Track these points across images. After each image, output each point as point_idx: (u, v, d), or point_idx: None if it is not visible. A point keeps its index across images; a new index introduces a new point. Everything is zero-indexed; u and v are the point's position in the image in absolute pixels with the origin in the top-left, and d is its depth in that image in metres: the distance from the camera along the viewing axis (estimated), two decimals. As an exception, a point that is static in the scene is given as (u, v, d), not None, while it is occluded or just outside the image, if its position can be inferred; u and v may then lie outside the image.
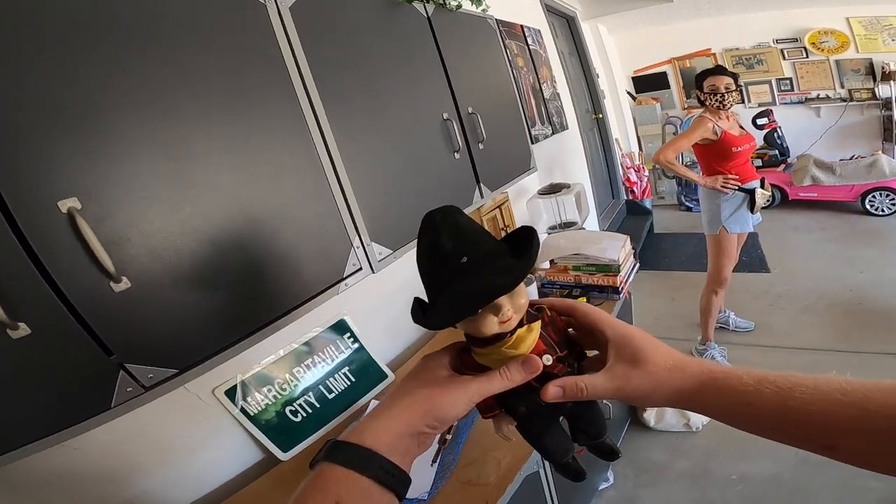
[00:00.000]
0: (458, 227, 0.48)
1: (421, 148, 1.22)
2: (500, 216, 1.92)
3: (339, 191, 0.95)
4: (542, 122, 3.09)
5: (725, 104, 2.30)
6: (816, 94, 5.23)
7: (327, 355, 1.39)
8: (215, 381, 1.15)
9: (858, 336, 2.68)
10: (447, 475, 1.09)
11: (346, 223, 0.95)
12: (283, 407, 1.28)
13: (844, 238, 4.01)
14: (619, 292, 1.68)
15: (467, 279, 0.45)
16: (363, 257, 0.99)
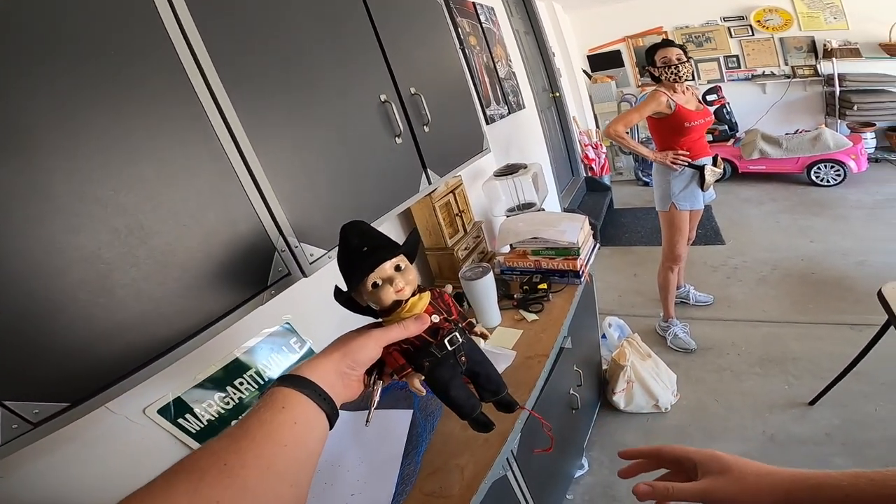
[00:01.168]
0: (362, 230, 0.69)
1: (356, 135, 1.08)
2: (453, 201, 1.81)
3: (254, 190, 0.81)
4: (498, 102, 2.99)
5: (681, 76, 2.24)
6: (762, 70, 5.40)
7: (273, 363, 1.26)
8: (144, 401, 1.01)
9: (815, 307, 2.72)
10: (408, 488, 1.00)
11: (265, 225, 0.82)
12: (227, 422, 1.15)
13: (794, 209, 4.11)
14: (580, 276, 1.61)
15: (367, 259, 0.64)
16: (291, 261, 0.86)
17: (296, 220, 0.88)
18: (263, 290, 0.81)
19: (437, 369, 0.70)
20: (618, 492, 1.85)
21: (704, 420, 2.10)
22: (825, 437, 1.88)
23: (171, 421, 1.05)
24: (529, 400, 1.16)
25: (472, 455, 1.02)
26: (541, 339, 1.38)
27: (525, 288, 1.60)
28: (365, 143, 1.11)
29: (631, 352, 2.16)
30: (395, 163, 1.21)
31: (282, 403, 0.49)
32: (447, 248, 1.73)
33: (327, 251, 0.93)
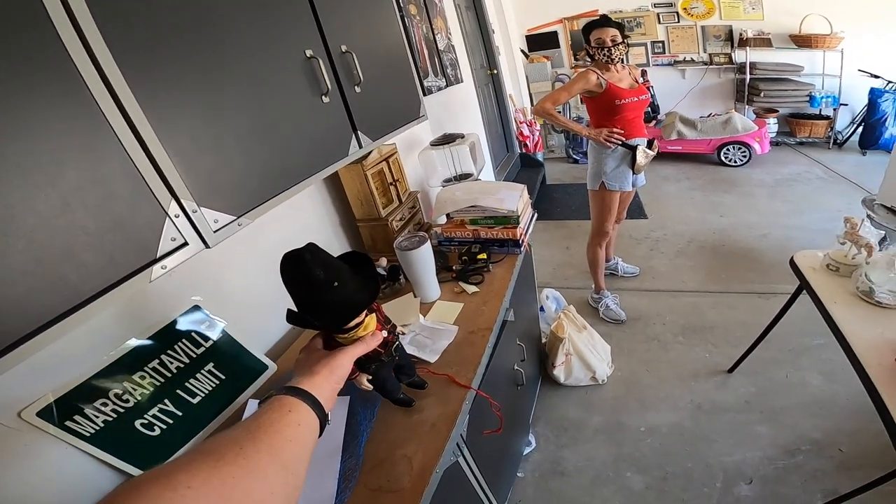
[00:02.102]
0: (325, 261, 0.71)
1: (274, 91, 0.90)
2: (387, 169, 1.65)
3: (133, 141, 0.62)
4: (436, 74, 2.84)
5: (613, 57, 2.16)
6: (683, 57, 5.63)
7: (180, 353, 1.06)
8: (18, 403, 0.80)
9: (727, 276, 2.87)
10: (351, 484, 0.87)
11: (152, 187, 0.64)
12: (130, 421, 0.96)
13: (706, 186, 4.33)
14: (519, 245, 1.53)
15: (339, 295, 0.70)
16: (188, 228, 0.68)
17: (195, 181, 0.70)
18: (151, 263, 0.63)
19: (380, 370, 0.89)
20: (565, 466, 1.84)
21: (638, 391, 2.13)
22: (745, 404, 1.97)
23: (55, 425, 0.85)
24: (475, 378, 1.06)
25: (420, 443, 0.91)
26: (483, 311, 1.28)
27: (464, 259, 1.50)
28: (285, 101, 0.93)
29: (568, 324, 2.14)
30: (321, 123, 1.04)
31: (288, 408, 0.57)
32: (381, 218, 1.58)
33: (236, 217, 0.76)
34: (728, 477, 1.69)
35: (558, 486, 1.77)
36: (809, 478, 1.64)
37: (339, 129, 1.10)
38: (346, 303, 0.72)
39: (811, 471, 1.66)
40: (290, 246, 0.67)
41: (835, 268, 1.54)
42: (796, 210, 3.63)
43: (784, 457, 1.73)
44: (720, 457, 1.77)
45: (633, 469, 1.78)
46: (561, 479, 1.80)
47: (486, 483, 1.23)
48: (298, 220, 1.49)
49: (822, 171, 4.42)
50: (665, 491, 1.69)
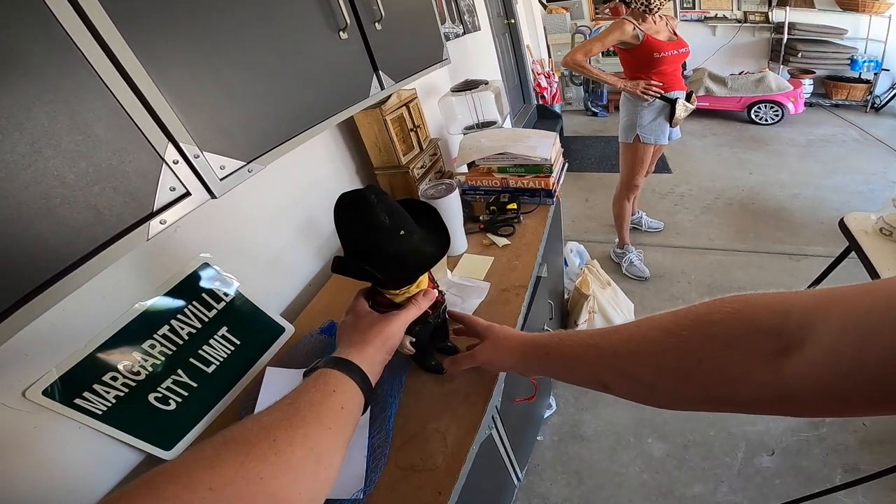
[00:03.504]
0: (390, 206, 0.64)
1: (286, 22, 0.75)
2: (407, 115, 1.51)
3: (117, 78, 0.49)
4: (453, 21, 2.63)
5: (652, 7, 1.97)
6: (715, 13, 5.32)
7: (191, 316, 0.97)
8: (21, 382, 0.72)
9: (755, 236, 2.72)
10: (382, 462, 0.78)
11: (142, 128, 0.51)
12: (143, 395, 0.87)
13: (734, 143, 4.12)
14: (552, 195, 1.39)
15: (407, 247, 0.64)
16: (189, 176, 0.56)
17: (196, 122, 0.57)
18: (148, 218, 0.52)
19: (423, 331, 0.80)
20: (585, 431, 1.79)
21: None
22: None
23: (63, 403, 0.77)
24: (509, 343, 0.96)
25: (454, 415, 0.82)
26: (516, 266, 1.17)
27: (492, 209, 1.37)
28: (298, 35, 0.78)
29: (592, 280, 2.03)
30: (339, 61, 0.90)
31: (333, 387, 0.50)
32: (401, 166, 1.45)
33: (245, 163, 0.64)
34: (750, 447, 1.64)
35: (577, 451, 1.73)
36: (831, 451, 1.59)
37: (358, 68, 0.95)
38: (415, 255, 0.64)
39: (833, 444, 1.61)
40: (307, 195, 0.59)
41: (888, 232, 1.43)
42: (830, 171, 3.42)
43: (808, 429, 1.67)
44: (743, 426, 1.70)
45: (654, 435, 1.73)
46: (580, 443, 1.75)
47: (511, 448, 1.16)
48: (311, 168, 1.36)
49: (858, 134, 4.16)
50: (685, 459, 1.63)
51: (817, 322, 0.34)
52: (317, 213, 1.34)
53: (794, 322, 0.35)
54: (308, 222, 1.31)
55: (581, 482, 1.62)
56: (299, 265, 1.30)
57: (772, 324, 0.37)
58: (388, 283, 0.64)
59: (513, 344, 0.68)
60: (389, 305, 0.72)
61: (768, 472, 1.56)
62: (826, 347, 0.32)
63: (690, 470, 1.60)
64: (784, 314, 0.36)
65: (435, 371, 0.90)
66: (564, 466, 1.68)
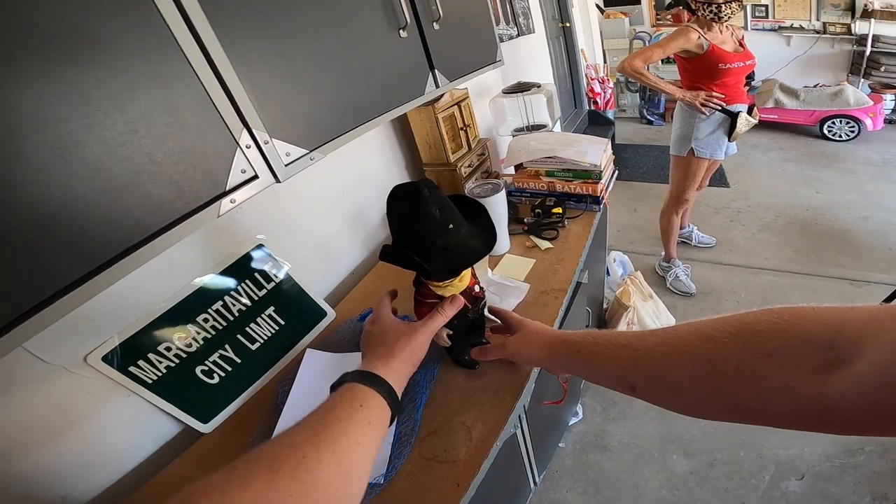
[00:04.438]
0: (441, 200, 0.69)
1: (350, 20, 0.80)
2: (458, 114, 1.55)
3: (206, 67, 0.55)
4: (508, 23, 2.65)
5: (722, 16, 1.87)
6: (790, 23, 5.10)
7: (243, 294, 1.04)
8: (84, 347, 0.80)
9: (816, 258, 2.58)
10: (406, 450, 0.81)
11: (223, 113, 0.57)
12: (191, 368, 0.94)
13: (802, 159, 3.90)
14: (599, 202, 1.39)
15: (456, 241, 0.68)
16: (259, 160, 0.62)
17: (268, 110, 0.63)
18: (220, 196, 0.57)
19: (461, 325, 0.83)
20: (609, 441, 1.76)
21: None
22: None
23: (119, 370, 0.84)
24: (545, 345, 0.97)
25: (481, 411, 0.84)
26: (557, 270, 1.18)
27: (537, 211, 1.38)
28: (362, 32, 0.83)
29: (634, 291, 2.00)
30: (398, 59, 0.94)
31: (360, 401, 0.51)
32: (449, 163, 1.49)
33: (308, 151, 0.69)
34: (779, 470, 1.58)
35: (598, 460, 1.71)
36: (864, 479, 1.51)
37: (415, 66, 0.99)
38: (462, 249, 0.68)
39: (867, 473, 1.53)
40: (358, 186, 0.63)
41: None
42: (905, 193, 3.18)
43: (844, 455, 1.59)
44: (776, 449, 1.64)
45: (679, 451, 1.68)
46: (602, 453, 1.73)
47: (533, 451, 1.17)
48: (363, 161, 1.42)
49: (943, 157, 3.83)
50: (709, 477, 1.59)
51: (870, 338, 0.33)
52: (366, 203, 1.40)
53: (845, 336, 0.34)
54: (357, 212, 1.37)
55: (598, 492, 1.60)
56: (345, 253, 1.36)
57: (822, 337, 0.36)
58: (435, 274, 0.68)
59: (543, 338, 0.69)
60: (433, 297, 0.75)
61: (793, 497, 1.50)
62: (877, 364, 0.31)
63: (713, 489, 1.55)
64: (836, 328, 0.35)
65: (468, 366, 0.93)
66: (583, 475, 1.66)
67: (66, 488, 0.78)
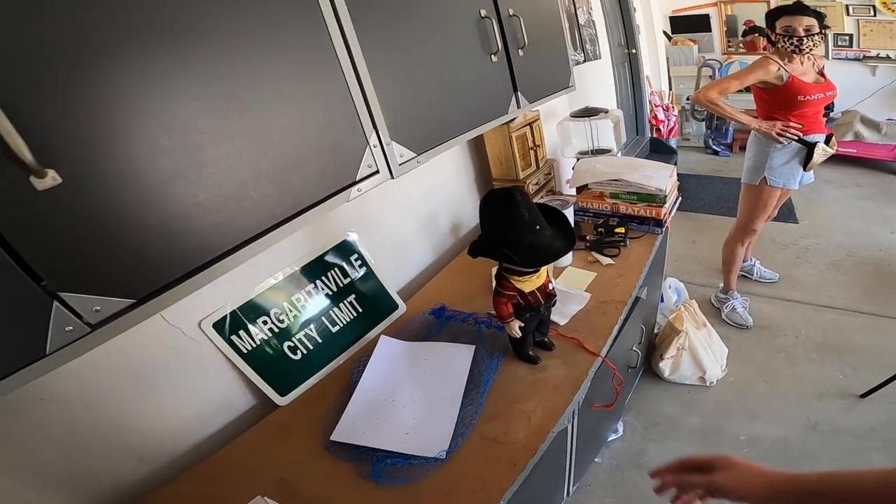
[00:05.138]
0: (529, 204, 0.84)
1: (454, 44, 0.95)
2: (529, 134, 1.68)
3: (353, 77, 0.71)
4: (575, 48, 2.77)
5: (803, 49, 1.87)
6: (877, 53, 4.81)
7: (332, 280, 1.19)
8: (201, 313, 0.95)
9: (885, 299, 2.46)
10: (469, 430, 0.90)
11: (361, 117, 0.72)
12: (280, 343, 1.08)
13: (880, 196, 3.70)
14: (661, 225, 1.46)
15: (541, 240, 0.83)
16: (381, 158, 0.76)
17: (390, 118, 0.78)
18: (351, 185, 0.72)
19: (531, 320, 0.98)
20: (646, 460, 1.76)
21: (749, 399, 1.96)
22: (869, 430, 1.75)
23: (224, 338, 0.99)
24: (604, 348, 1.05)
25: (541, 401, 0.93)
26: (617, 284, 1.26)
27: (600, 230, 1.47)
28: (461, 55, 0.98)
29: (688, 317, 2.00)
30: (489, 80, 1.08)
31: None
32: (518, 179, 1.61)
33: (416, 154, 0.84)
34: None
35: (633, 478, 1.70)
36: None
37: (502, 87, 1.13)
38: (547, 247, 0.84)
39: None
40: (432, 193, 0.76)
41: None
42: None
43: None
44: None
45: None
46: (638, 471, 1.72)
47: (575, 456, 1.23)
48: (439, 171, 1.56)
49: None
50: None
51: None
52: (438, 210, 1.54)
53: None
54: (430, 217, 1.51)
55: (629, 508, 1.61)
56: (418, 253, 1.49)
57: None
58: (522, 264, 0.83)
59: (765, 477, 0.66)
60: (513, 289, 0.90)
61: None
62: None
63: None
64: None
65: (531, 361, 1.03)
66: (616, 491, 1.67)
67: (148, 451, 0.89)
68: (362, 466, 0.85)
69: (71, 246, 0.46)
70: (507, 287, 0.90)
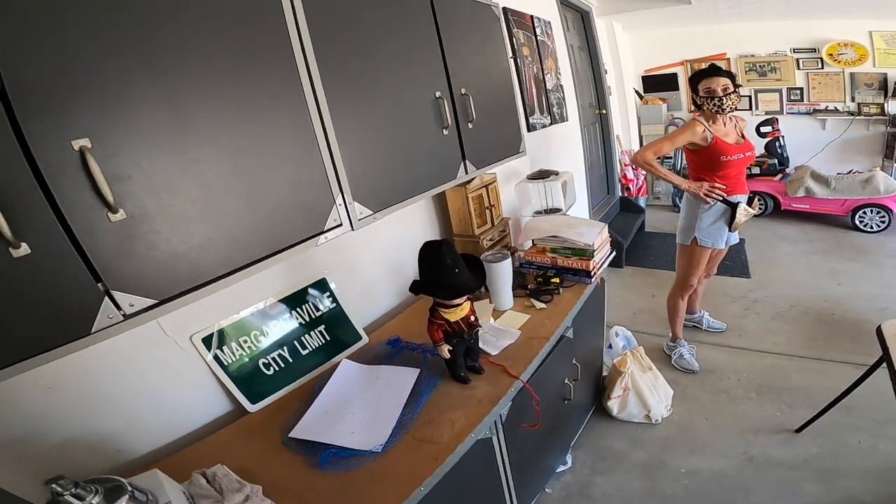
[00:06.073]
0: (454, 254, 1.18)
1: (411, 121, 1.29)
2: (485, 195, 2.00)
3: (326, 150, 1.03)
4: (542, 112, 3.15)
5: (724, 108, 2.15)
6: (825, 105, 5.22)
7: (305, 312, 1.48)
8: (194, 328, 1.22)
9: (824, 344, 2.77)
10: (404, 432, 1.16)
11: (330, 181, 1.04)
12: (256, 359, 1.34)
13: (829, 251, 4.08)
14: (591, 276, 1.77)
15: (459, 279, 1.16)
16: (344, 214, 1.08)
17: (353, 182, 1.10)
18: (320, 233, 1.03)
19: (459, 345, 1.27)
20: (593, 491, 1.97)
21: (691, 436, 2.20)
22: (802, 462, 1.96)
23: (210, 351, 1.24)
24: (525, 373, 1.33)
25: (465, 412, 1.19)
26: (545, 324, 1.55)
27: (539, 280, 1.78)
28: (417, 130, 1.32)
29: (632, 361, 2.27)
30: (440, 150, 1.42)
31: None
32: (474, 235, 1.93)
33: (374, 212, 1.15)
34: None
35: None
36: None
37: (452, 156, 1.47)
38: (461, 285, 1.18)
39: None
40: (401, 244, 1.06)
41: None
42: (932, 287, 3.32)
43: None
44: None
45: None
46: (585, 502, 1.94)
47: (511, 474, 1.44)
48: (407, 225, 1.89)
49: (977, 248, 3.92)
50: None
51: None
52: (405, 259, 1.84)
53: None
54: (397, 265, 1.82)
55: (574, 538, 1.81)
56: (384, 295, 1.80)
57: None
58: (444, 297, 1.16)
59: None
60: (442, 319, 1.21)
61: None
62: None
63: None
64: None
65: (462, 381, 1.31)
66: None
67: (125, 444, 1.10)
68: (312, 458, 1.09)
69: (123, 260, 0.74)
70: (437, 317, 1.22)
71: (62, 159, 0.67)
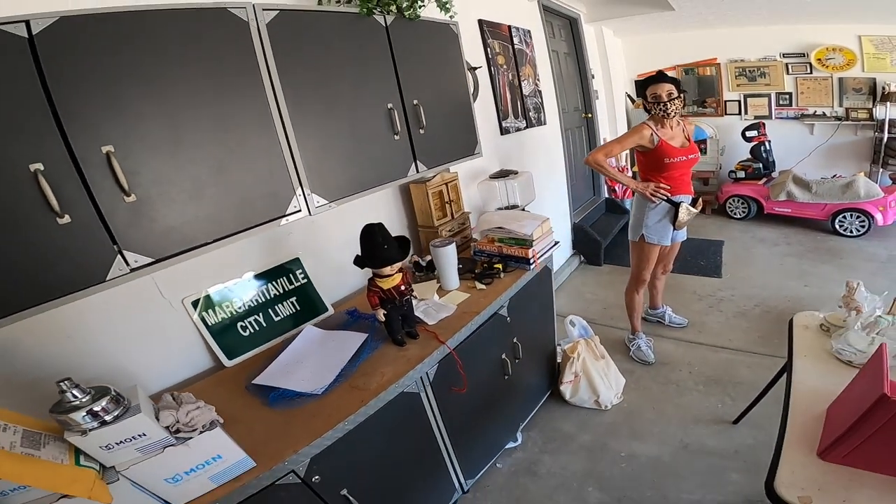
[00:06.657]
0: (384, 232, 1.54)
1: (364, 129, 1.66)
2: (446, 191, 2.35)
3: (288, 153, 1.40)
4: (517, 116, 3.46)
5: (669, 112, 2.38)
6: (813, 110, 5.38)
7: (280, 285, 1.85)
8: (185, 293, 1.59)
9: (779, 342, 2.97)
10: (342, 380, 1.49)
11: (291, 177, 1.42)
12: (235, 322, 1.70)
13: (805, 254, 4.30)
14: (530, 263, 2.10)
15: (387, 253, 1.51)
16: (303, 203, 1.45)
17: (311, 177, 1.47)
18: (282, 216, 1.41)
19: (392, 310, 1.60)
20: (539, 468, 2.27)
21: (636, 422, 2.49)
22: (733, 453, 2.20)
23: (198, 313, 1.60)
24: (452, 340, 1.67)
25: (394, 367, 1.53)
26: (480, 301, 1.90)
27: (484, 265, 2.12)
28: (370, 135, 1.68)
29: (584, 349, 2.59)
30: (391, 152, 1.78)
31: None
32: (433, 226, 2.28)
33: (329, 202, 1.53)
34: None
35: (525, 483, 2.21)
36: None
37: (403, 157, 1.83)
38: (388, 258, 1.51)
39: None
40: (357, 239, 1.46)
41: (826, 328, 1.75)
42: (901, 290, 3.56)
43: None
44: (681, 493, 2.03)
45: (596, 485, 2.14)
46: (531, 478, 2.23)
47: (447, 433, 1.77)
48: (378, 215, 2.23)
49: (956, 255, 4.09)
50: None
51: None
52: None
53: None
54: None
55: (517, 509, 2.11)
56: (351, 275, 2.14)
57: None
58: (375, 267, 1.51)
59: None
60: (376, 287, 1.55)
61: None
62: None
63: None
64: None
65: (398, 343, 1.65)
66: (508, 493, 2.17)
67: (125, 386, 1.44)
68: (266, 400, 1.43)
69: (132, 229, 1.11)
70: (373, 285, 1.56)
71: (95, 159, 1.05)
